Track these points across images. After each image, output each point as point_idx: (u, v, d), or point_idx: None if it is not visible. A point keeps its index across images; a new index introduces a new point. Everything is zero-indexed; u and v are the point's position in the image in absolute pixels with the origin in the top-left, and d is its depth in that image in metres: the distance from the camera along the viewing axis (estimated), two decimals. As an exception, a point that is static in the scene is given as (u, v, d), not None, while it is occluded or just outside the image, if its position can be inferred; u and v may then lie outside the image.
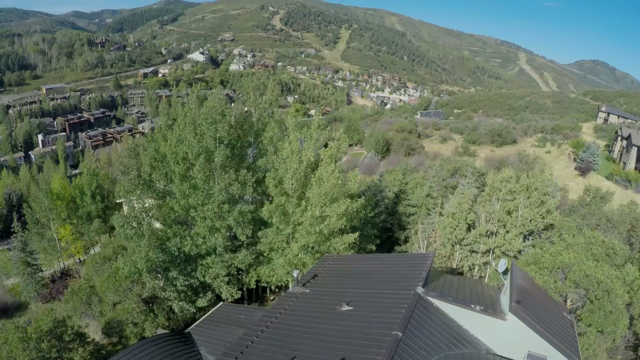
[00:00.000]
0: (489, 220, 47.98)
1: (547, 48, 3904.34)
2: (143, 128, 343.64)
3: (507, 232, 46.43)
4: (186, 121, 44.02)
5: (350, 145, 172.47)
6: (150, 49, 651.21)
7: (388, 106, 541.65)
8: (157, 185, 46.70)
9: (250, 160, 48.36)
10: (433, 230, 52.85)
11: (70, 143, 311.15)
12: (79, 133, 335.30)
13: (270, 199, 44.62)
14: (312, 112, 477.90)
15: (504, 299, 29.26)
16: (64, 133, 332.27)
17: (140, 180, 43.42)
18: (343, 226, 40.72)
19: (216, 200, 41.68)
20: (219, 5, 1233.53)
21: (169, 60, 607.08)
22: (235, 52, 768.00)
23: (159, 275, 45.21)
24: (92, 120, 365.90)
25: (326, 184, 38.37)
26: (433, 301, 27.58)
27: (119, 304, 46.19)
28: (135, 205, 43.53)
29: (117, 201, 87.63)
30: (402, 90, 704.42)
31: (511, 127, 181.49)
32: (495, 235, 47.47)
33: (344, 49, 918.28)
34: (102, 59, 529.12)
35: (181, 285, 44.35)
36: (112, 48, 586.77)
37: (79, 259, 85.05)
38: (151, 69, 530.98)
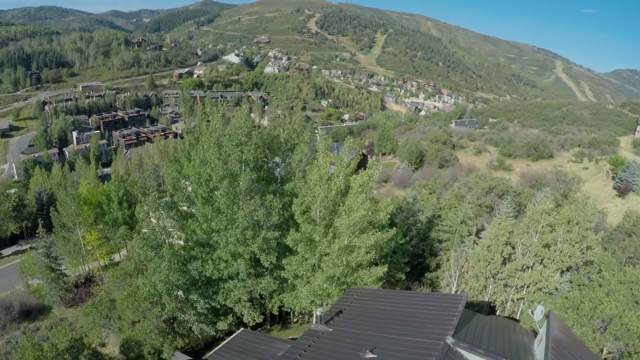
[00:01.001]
0: (525, 253, 45.82)
1: (584, 56, 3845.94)
2: (176, 128, 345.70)
3: (544, 267, 44.17)
4: (211, 141, 42.52)
5: (384, 154, 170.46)
6: (186, 49, 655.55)
7: (422, 113, 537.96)
8: (180, 206, 45.56)
9: (277, 182, 46.86)
10: (466, 260, 50.84)
11: (104, 141, 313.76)
12: (113, 131, 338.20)
13: (295, 224, 43.04)
14: (346, 116, 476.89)
15: (539, 351, 27.55)
16: (98, 131, 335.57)
17: (161, 202, 42.40)
18: (372, 259, 39.01)
19: (240, 225, 40.15)
20: (255, 7, 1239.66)
21: (204, 62, 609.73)
22: (271, 54, 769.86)
23: (179, 297, 44.26)
24: (127, 119, 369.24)
25: (355, 214, 36.56)
26: (463, 353, 25.83)
27: (137, 322, 45.39)
28: (156, 226, 42.53)
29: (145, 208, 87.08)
30: (437, 96, 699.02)
31: (548, 140, 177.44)
32: (532, 269, 45.24)
33: (379, 54, 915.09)
34: (138, 59, 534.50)
35: (202, 307, 43.28)
36: (148, 48, 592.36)
37: (104, 264, 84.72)
38: (186, 69, 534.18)
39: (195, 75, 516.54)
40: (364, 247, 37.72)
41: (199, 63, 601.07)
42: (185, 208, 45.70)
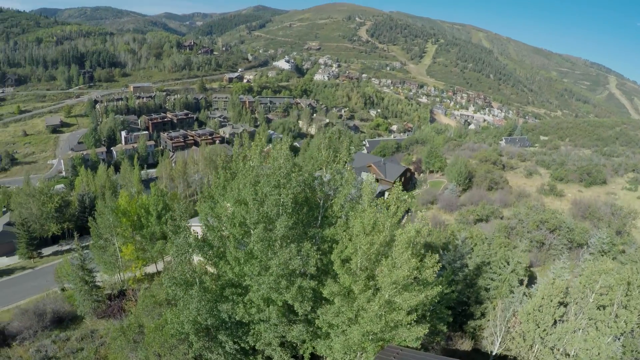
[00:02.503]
0: (578, 314, 42.24)
1: (638, 72, 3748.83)
2: (224, 133, 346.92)
3: (597, 330, 40.46)
4: (247, 180, 40.31)
5: (431, 171, 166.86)
6: (237, 54, 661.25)
7: (472, 126, 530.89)
8: (212, 243, 43.40)
9: (317, 222, 44.24)
10: (514, 314, 47.42)
11: (152, 142, 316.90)
12: (161, 133, 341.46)
13: (334, 272, 40.30)
14: (394, 127, 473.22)
15: None
16: (146, 132, 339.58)
17: (191, 242, 40.44)
18: (413, 320, 36.02)
19: (274, 273, 37.89)
20: (307, 13, 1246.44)
21: (254, 67, 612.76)
22: (321, 61, 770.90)
23: (207, 336, 42.28)
24: (175, 121, 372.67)
25: (399, 271, 33.78)
26: None
27: (164, 357, 43.96)
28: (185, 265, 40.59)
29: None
30: (487, 109, 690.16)
31: (601, 164, 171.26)
32: (584, 332, 41.56)
33: (430, 64, 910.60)
34: (189, 62, 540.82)
35: (230, 348, 41.48)
36: (199, 51, 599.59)
37: (139, 276, 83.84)
38: (236, 74, 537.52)
39: (245, 80, 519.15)
40: (406, 306, 34.89)
41: (249, 68, 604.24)
42: (216, 248, 43.49)
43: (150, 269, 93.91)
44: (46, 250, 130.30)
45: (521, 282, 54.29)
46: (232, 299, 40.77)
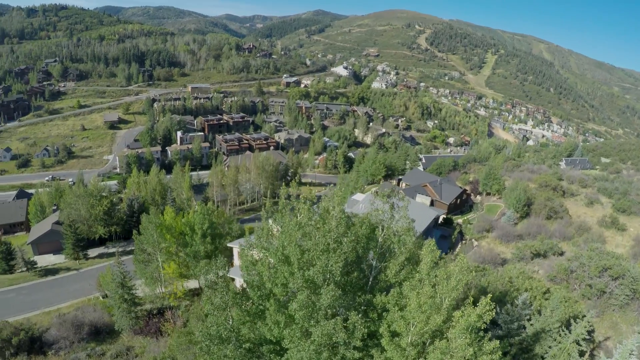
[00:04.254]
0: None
1: None
2: (279, 138, 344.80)
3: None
4: (293, 238, 36.13)
5: (488, 194, 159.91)
6: (295, 58, 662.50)
7: (530, 142, 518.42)
8: (251, 297, 39.10)
9: (367, 285, 39.41)
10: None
11: (207, 144, 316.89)
12: (217, 135, 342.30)
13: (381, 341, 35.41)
14: (451, 139, 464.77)
15: None
16: (202, 133, 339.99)
17: (230, 296, 36.38)
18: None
19: (315, 342, 33.41)
20: (366, 19, 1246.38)
21: (312, 72, 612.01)
22: (379, 68, 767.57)
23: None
24: (231, 124, 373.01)
25: (454, 355, 29.16)
26: None
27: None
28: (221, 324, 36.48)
29: (228, 244, 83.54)
30: (546, 124, 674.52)
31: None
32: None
33: (489, 75, 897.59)
34: (247, 64, 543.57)
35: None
36: (258, 54, 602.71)
37: (180, 295, 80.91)
38: (294, 78, 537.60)
39: (302, 85, 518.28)
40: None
41: (307, 73, 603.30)
42: (255, 304, 39.15)
43: (192, 283, 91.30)
44: (92, 252, 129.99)
45: (582, 354, 48.62)
46: (269, 357, 36.65)
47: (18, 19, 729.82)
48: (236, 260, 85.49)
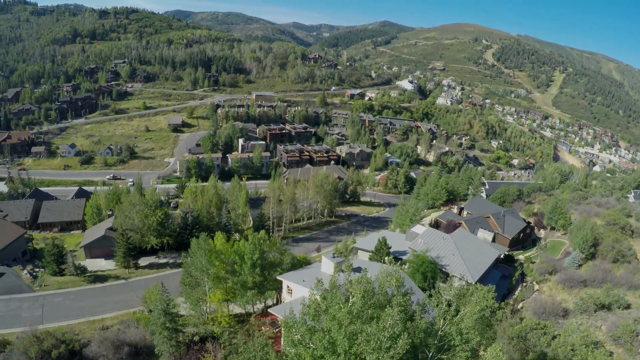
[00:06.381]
0: None
1: None
2: (340, 151, 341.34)
3: None
4: (342, 333, 31.90)
5: (552, 228, 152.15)
6: (361, 70, 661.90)
7: (596, 167, 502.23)
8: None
9: None
10: None
11: (267, 153, 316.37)
12: (278, 145, 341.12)
13: None
14: (515, 161, 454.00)
15: None
16: (263, 142, 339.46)
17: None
18: None
19: None
20: (432, 32, 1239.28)
21: (377, 85, 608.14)
22: (445, 82, 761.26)
23: None
24: (293, 134, 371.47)
25: None
26: None
27: None
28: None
29: (277, 277, 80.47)
30: (613, 149, 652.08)
31: None
32: None
33: (556, 94, 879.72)
34: (312, 74, 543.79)
35: None
36: (324, 65, 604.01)
37: (225, 325, 77.94)
38: (358, 90, 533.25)
39: (366, 98, 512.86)
40: None
41: (371, 85, 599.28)
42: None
43: (238, 308, 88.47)
44: (143, 261, 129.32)
45: None
46: None
47: (90, 19, 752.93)
48: (285, 294, 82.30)
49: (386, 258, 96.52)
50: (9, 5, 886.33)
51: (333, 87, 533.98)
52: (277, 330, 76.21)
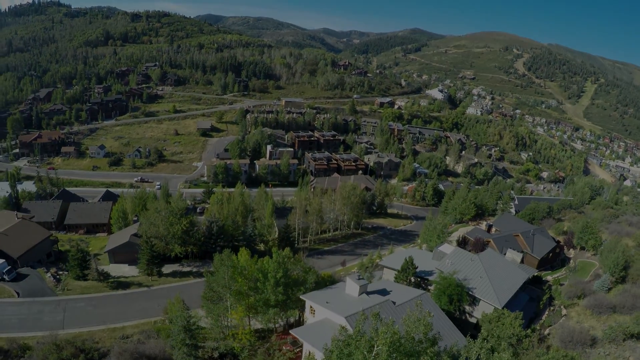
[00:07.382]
0: None
1: None
2: (368, 160, 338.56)
3: None
4: None
5: (582, 248, 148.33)
6: (390, 78, 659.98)
7: (627, 182, 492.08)
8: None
9: None
10: None
11: (295, 161, 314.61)
12: (306, 152, 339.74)
13: None
14: (544, 174, 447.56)
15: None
16: (291, 149, 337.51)
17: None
18: None
19: None
20: (463, 40, 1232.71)
21: (406, 93, 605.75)
22: (475, 91, 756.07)
23: None
24: (321, 142, 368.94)
25: None
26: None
27: None
28: None
29: (300, 296, 79.10)
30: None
31: None
32: None
33: (587, 105, 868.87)
34: (342, 81, 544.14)
35: None
36: (353, 72, 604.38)
37: (244, 343, 76.83)
38: (388, 99, 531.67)
39: (396, 107, 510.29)
40: None
41: (401, 94, 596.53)
42: None
43: (259, 323, 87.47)
44: (166, 268, 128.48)
45: None
46: None
47: (122, 22, 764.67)
48: (307, 314, 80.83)
49: (412, 278, 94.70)
50: (43, 6, 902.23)
51: (355, 95, 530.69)
52: (297, 350, 74.86)
